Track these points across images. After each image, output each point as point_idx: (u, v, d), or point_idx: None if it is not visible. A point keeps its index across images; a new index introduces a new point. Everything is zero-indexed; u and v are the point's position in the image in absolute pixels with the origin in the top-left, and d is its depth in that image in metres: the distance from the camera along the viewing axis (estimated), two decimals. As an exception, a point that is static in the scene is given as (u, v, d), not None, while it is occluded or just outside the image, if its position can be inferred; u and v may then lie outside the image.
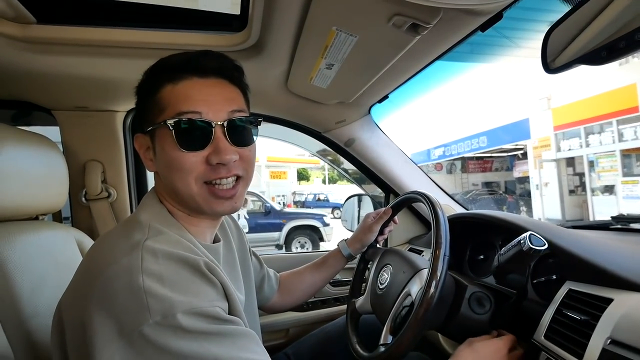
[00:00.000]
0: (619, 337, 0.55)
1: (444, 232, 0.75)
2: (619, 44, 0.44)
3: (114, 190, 1.19)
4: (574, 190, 9.38)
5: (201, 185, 0.56)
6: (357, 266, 1.09)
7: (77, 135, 1.15)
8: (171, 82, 0.56)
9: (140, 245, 0.49)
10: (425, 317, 0.69)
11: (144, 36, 0.84)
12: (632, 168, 7.82)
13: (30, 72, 0.92)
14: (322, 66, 0.87)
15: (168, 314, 0.44)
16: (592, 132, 8.37)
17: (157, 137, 0.57)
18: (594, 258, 0.71)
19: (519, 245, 0.70)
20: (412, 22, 0.63)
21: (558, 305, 0.70)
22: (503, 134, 11.10)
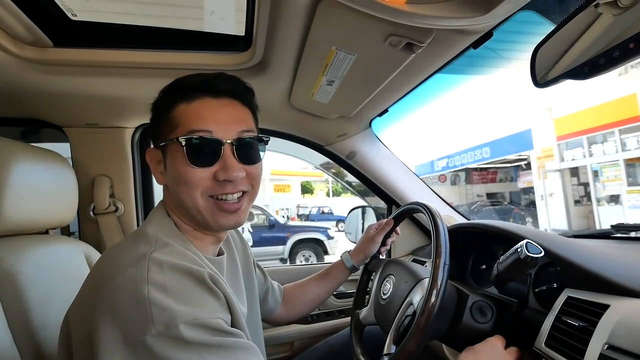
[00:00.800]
0: (615, 343, 0.56)
1: (444, 242, 0.76)
2: (600, 60, 0.47)
3: (122, 205, 1.22)
4: (579, 200, 9.30)
5: (207, 199, 0.59)
6: (360, 278, 1.10)
7: (87, 151, 1.19)
8: (185, 101, 0.59)
9: (146, 256, 0.50)
10: (427, 326, 0.70)
11: (154, 57, 0.88)
12: (637, 177, 7.76)
13: (45, 92, 0.97)
14: (323, 83, 0.91)
15: (170, 324, 0.44)
16: (594, 141, 8.35)
17: (169, 152, 0.60)
18: (591, 266, 0.72)
19: (516, 254, 0.72)
20: (407, 41, 0.67)
21: (557, 313, 0.70)
22: (506, 144, 11.11)
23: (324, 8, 0.63)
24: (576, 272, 0.73)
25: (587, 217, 9.02)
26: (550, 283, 0.85)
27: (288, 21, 0.70)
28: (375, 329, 1.03)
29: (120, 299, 0.47)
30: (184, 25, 0.98)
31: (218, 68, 0.89)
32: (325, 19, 0.66)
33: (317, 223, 9.54)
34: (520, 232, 0.90)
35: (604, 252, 0.81)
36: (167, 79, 0.91)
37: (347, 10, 0.61)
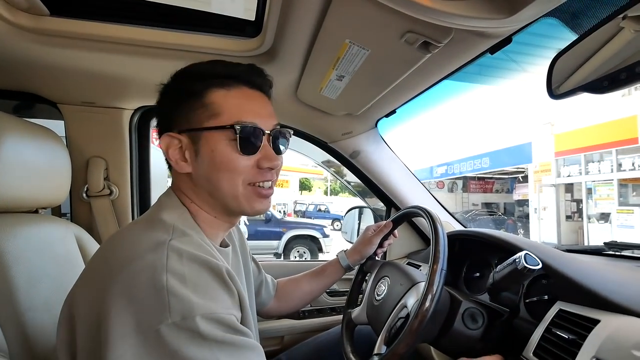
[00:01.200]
0: (602, 357, 0.57)
1: (443, 247, 0.77)
2: (621, 75, 0.47)
3: (116, 188, 1.19)
4: (570, 216, 9.42)
5: (245, 187, 0.61)
6: (355, 277, 1.10)
7: (82, 130, 1.15)
8: (223, 88, 0.60)
9: (165, 243, 0.50)
10: (419, 329, 0.70)
11: (157, 35, 0.84)
12: (627, 197, 7.89)
13: (39, 64, 0.92)
14: (332, 77, 0.89)
15: (188, 315, 0.44)
16: (591, 160, 8.44)
17: (206, 139, 0.58)
18: (585, 281, 0.72)
19: (514, 264, 0.72)
20: (424, 40, 0.65)
21: (548, 324, 0.71)
22: (505, 156, 11.17)
23: None
24: (569, 286, 0.74)
25: (577, 232, 9.14)
26: (541, 295, 0.85)
27: (302, 9, 0.68)
28: (366, 328, 1.04)
29: (137, 284, 0.46)
30: (191, 4, 0.94)
31: (225, 53, 0.87)
32: (341, 10, 0.65)
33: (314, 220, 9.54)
34: (518, 243, 0.90)
35: (596, 268, 0.81)
36: (170, 60, 0.88)
37: (366, 2, 0.59)
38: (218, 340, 0.45)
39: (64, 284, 0.79)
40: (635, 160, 7.43)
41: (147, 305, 0.44)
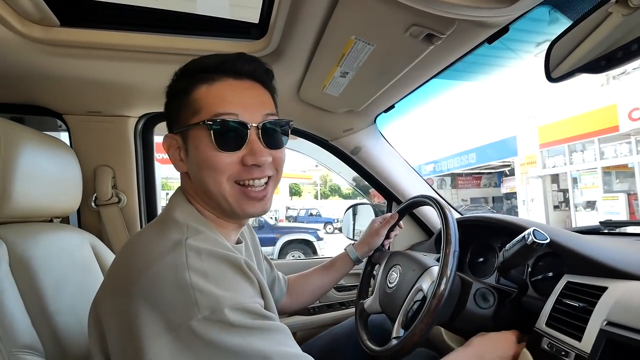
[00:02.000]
0: (614, 319, 0.61)
1: (453, 231, 0.80)
2: (617, 54, 0.51)
3: (124, 196, 1.20)
4: (558, 205, 9.64)
5: (232, 185, 0.58)
6: (364, 269, 1.12)
7: (87, 140, 1.16)
8: (206, 83, 0.57)
9: (182, 243, 0.50)
10: (437, 308, 0.73)
11: (163, 41, 0.85)
12: (612, 185, 8.12)
13: (47, 75, 0.93)
14: (336, 74, 0.92)
15: (216, 308, 0.45)
16: (575, 150, 8.67)
17: (191, 137, 0.58)
18: (590, 253, 0.77)
19: (524, 240, 0.75)
20: (428, 32, 0.69)
21: (558, 296, 0.75)
22: (491, 150, 11.38)
23: None
24: (576, 259, 0.78)
25: (565, 222, 9.35)
26: (545, 272, 0.90)
27: (309, 9, 0.70)
28: (377, 318, 1.06)
29: (160, 285, 0.47)
30: (195, 9, 0.96)
31: None
32: (348, 7, 0.68)
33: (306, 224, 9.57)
34: (522, 224, 0.95)
35: (598, 242, 0.86)
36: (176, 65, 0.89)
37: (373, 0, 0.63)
38: (248, 327, 0.47)
39: (86, 290, 0.82)
40: (617, 147, 7.68)
41: (174, 304, 0.45)
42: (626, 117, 7.07)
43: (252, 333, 0.47)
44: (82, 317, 0.76)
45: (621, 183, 8.02)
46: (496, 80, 5.70)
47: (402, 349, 0.77)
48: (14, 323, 0.58)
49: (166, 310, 0.45)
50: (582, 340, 0.63)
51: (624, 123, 7.13)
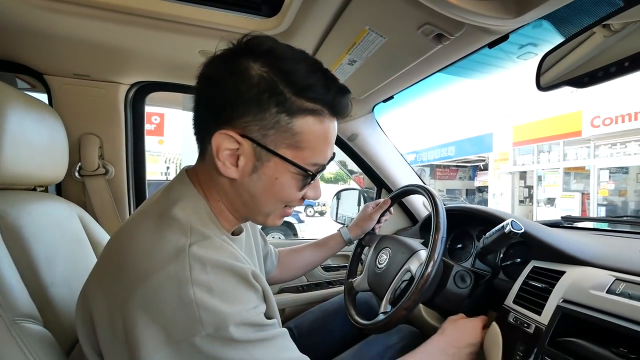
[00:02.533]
0: (568, 297, 0.72)
1: (443, 219, 0.88)
2: (598, 73, 0.59)
3: (112, 167, 1.15)
4: (523, 200, 10.18)
5: (282, 209, 0.60)
6: (354, 250, 1.20)
7: (72, 105, 1.08)
8: (316, 118, 0.52)
9: (185, 251, 0.47)
10: (424, 288, 0.81)
11: (166, 7, 0.79)
12: (570, 184, 8.70)
13: (33, 30, 0.84)
14: (344, 61, 0.95)
15: (221, 326, 0.45)
16: (543, 150, 9.16)
17: (275, 164, 0.53)
18: (554, 242, 0.88)
19: (502, 229, 0.85)
20: (438, 32, 0.74)
21: (524, 279, 0.86)
22: (469, 145, 11.71)
23: None
24: (542, 247, 0.89)
25: (528, 215, 9.93)
26: (514, 259, 1.01)
27: None
28: (363, 297, 1.15)
29: (162, 298, 0.45)
30: None
31: (238, 30, 0.85)
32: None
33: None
34: (501, 215, 1.05)
35: (560, 234, 0.98)
36: (178, 34, 0.85)
37: None
38: (251, 341, 0.47)
39: (78, 263, 0.80)
40: (578, 151, 8.19)
41: (176, 320, 0.44)
42: (589, 124, 7.53)
43: (256, 345, 0.48)
44: (75, 289, 0.72)
45: (578, 183, 8.60)
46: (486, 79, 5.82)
47: (389, 322, 0.85)
48: (13, 292, 0.56)
49: (167, 324, 0.44)
50: (541, 314, 0.74)
51: (587, 129, 7.60)
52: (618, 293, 0.66)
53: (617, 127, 7.05)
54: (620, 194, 7.69)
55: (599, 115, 7.36)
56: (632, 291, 0.65)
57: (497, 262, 1.04)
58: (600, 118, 7.34)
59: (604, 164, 7.66)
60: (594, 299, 0.68)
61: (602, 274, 0.73)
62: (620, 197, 7.68)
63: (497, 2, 0.64)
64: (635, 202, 7.40)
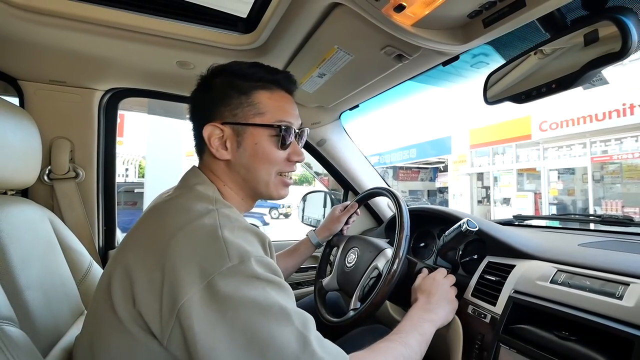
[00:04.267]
0: (519, 288, 0.81)
1: (406, 219, 0.95)
2: (532, 92, 0.68)
3: (82, 171, 1.15)
4: (481, 200, 10.78)
5: (276, 176, 0.71)
6: (323, 251, 1.24)
7: (45, 109, 1.09)
8: (267, 91, 0.68)
9: (215, 210, 0.57)
10: (391, 284, 0.87)
11: (144, 22, 0.84)
12: (523, 185, 9.36)
13: (11, 39, 0.87)
14: (314, 74, 1.01)
15: (244, 258, 0.51)
16: (497, 152, 9.80)
17: (251, 132, 0.67)
18: (505, 239, 0.98)
19: (459, 227, 0.94)
20: (399, 52, 0.81)
21: (480, 273, 0.95)
22: (430, 147, 12.22)
23: (338, 13, 0.74)
24: (495, 244, 0.99)
25: (485, 215, 10.54)
26: (472, 255, 1.11)
27: (301, 17, 0.77)
28: (331, 297, 1.20)
29: (197, 238, 0.52)
30: None
31: (214, 44, 0.91)
32: (335, 22, 0.77)
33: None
34: (457, 214, 1.15)
35: (511, 231, 1.08)
36: (154, 46, 0.89)
37: (359, 20, 0.73)
38: (269, 280, 0.53)
39: (50, 265, 0.80)
40: (529, 153, 8.86)
41: (208, 254, 0.51)
42: (537, 128, 8.19)
43: (272, 286, 0.52)
44: (49, 292, 0.75)
45: (530, 184, 9.26)
46: (445, 86, 6.14)
47: (359, 318, 0.90)
48: None
49: (201, 259, 0.50)
50: (496, 305, 0.83)
51: (535, 132, 8.25)
52: (560, 283, 0.76)
53: (563, 131, 7.70)
54: (569, 193, 8.36)
55: (546, 120, 8.00)
56: (571, 281, 0.75)
57: (456, 259, 1.13)
58: (547, 122, 7.99)
59: (552, 165, 8.32)
60: (540, 288, 0.77)
61: (546, 266, 0.82)
62: (569, 196, 8.34)
63: (447, 31, 0.73)
64: (582, 201, 8.03)
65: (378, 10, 0.66)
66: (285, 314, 0.51)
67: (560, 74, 0.62)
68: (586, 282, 0.72)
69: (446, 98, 11.11)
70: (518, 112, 8.55)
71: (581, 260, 0.79)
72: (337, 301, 1.25)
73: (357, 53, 0.87)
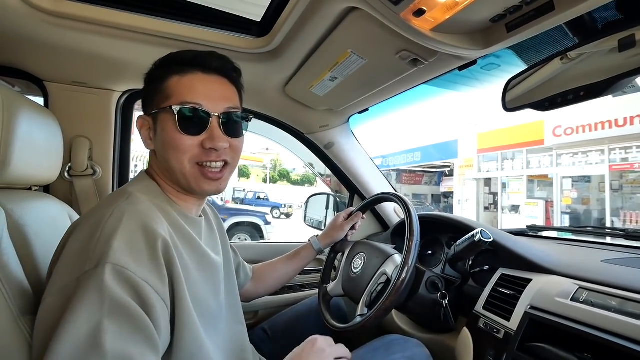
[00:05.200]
0: (535, 304, 0.78)
1: (416, 226, 0.92)
2: (557, 99, 0.65)
3: (100, 168, 1.19)
4: (488, 207, 10.64)
5: (193, 166, 0.64)
6: (328, 256, 1.22)
7: (67, 109, 1.13)
8: (178, 74, 0.64)
9: (116, 205, 0.56)
10: (399, 291, 0.84)
11: (163, 26, 0.88)
12: (534, 192, 9.20)
13: (39, 42, 0.91)
14: (326, 78, 0.99)
15: (100, 262, 0.47)
16: (507, 157, 9.65)
17: (160, 119, 0.64)
18: (521, 251, 0.94)
19: (472, 238, 0.91)
20: (414, 57, 0.79)
21: (493, 285, 0.92)
22: (435, 151, 12.12)
23: (354, 17, 0.72)
24: (509, 256, 0.95)
25: (492, 222, 10.41)
26: (482, 266, 1.07)
27: (316, 21, 0.76)
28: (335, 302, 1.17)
29: (81, 234, 0.53)
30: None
31: (228, 48, 0.92)
32: (350, 26, 0.75)
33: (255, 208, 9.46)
34: (471, 224, 1.11)
35: (526, 243, 1.05)
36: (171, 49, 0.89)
37: (375, 24, 0.71)
38: (113, 301, 0.45)
39: None
40: (541, 159, 8.67)
41: (80, 252, 0.50)
42: (551, 133, 8.00)
43: (111, 315, 0.45)
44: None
45: (541, 191, 9.08)
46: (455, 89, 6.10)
47: (365, 325, 0.87)
48: (21, 288, 0.59)
49: (73, 257, 0.50)
50: (510, 320, 0.80)
51: (549, 138, 8.07)
52: (582, 301, 0.72)
53: (578, 136, 7.49)
54: (583, 202, 8.10)
55: (560, 125, 7.81)
56: (594, 299, 0.71)
57: (466, 269, 1.10)
58: (561, 128, 7.79)
59: (566, 173, 8.09)
60: (560, 306, 0.73)
61: (566, 283, 0.79)
62: (584, 205, 8.09)
63: (467, 35, 0.70)
64: (598, 211, 7.78)
65: (396, 14, 0.63)
66: (100, 353, 0.43)
67: (589, 80, 0.59)
68: (611, 302, 0.68)
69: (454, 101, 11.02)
70: (530, 116, 8.39)
71: (605, 278, 0.75)
72: (341, 306, 1.22)
73: (371, 57, 0.85)
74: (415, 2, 0.60)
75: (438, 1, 0.61)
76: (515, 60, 0.86)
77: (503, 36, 0.65)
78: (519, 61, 0.85)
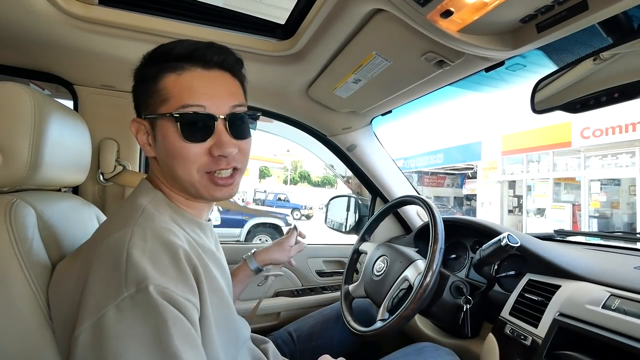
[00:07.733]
0: (564, 311, 0.76)
1: (440, 230, 0.91)
2: (590, 101, 0.63)
3: (128, 164, 1.22)
4: (512, 210, 10.30)
5: (202, 175, 0.59)
6: (350, 257, 1.22)
7: (96, 112, 1.17)
8: (174, 73, 0.57)
9: (132, 224, 0.51)
10: (422, 297, 0.84)
11: (191, 30, 0.89)
12: (560, 195, 8.85)
13: (71, 47, 0.93)
14: (349, 80, 1.00)
15: (141, 285, 0.45)
16: (532, 160, 9.33)
17: (159, 126, 0.58)
18: (549, 256, 0.92)
19: (498, 242, 0.89)
20: (440, 59, 0.79)
21: (520, 291, 0.90)
22: (458, 153, 11.86)
23: (379, 19, 0.72)
24: (537, 261, 0.93)
25: (517, 225, 10.08)
26: (509, 271, 1.05)
27: (341, 23, 0.77)
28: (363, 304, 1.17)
29: (103, 260, 0.48)
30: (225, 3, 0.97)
31: (252, 50, 0.93)
32: (375, 28, 0.75)
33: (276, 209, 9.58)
34: (496, 228, 1.09)
35: (554, 248, 1.02)
36: None
37: (401, 26, 0.71)
38: (174, 315, 0.45)
39: None
40: (568, 161, 8.35)
41: (107, 280, 0.46)
42: (579, 135, 7.70)
43: (170, 323, 0.45)
44: None
45: (568, 194, 8.74)
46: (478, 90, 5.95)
47: (386, 330, 0.87)
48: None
49: (100, 286, 0.46)
50: (538, 327, 0.78)
51: (576, 140, 7.76)
52: (614, 309, 0.69)
53: (608, 138, 7.20)
54: (612, 206, 7.78)
55: (588, 126, 7.52)
56: (627, 307, 0.68)
57: (492, 274, 1.08)
58: (590, 129, 7.50)
59: (595, 175, 7.77)
60: (590, 313, 0.71)
61: (597, 289, 0.76)
62: (613, 209, 7.77)
63: (496, 36, 0.69)
64: (628, 215, 7.48)
65: (423, 16, 0.63)
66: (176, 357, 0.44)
67: (623, 81, 0.57)
68: (646, 311, 0.65)
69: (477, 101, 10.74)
70: (557, 118, 8.10)
71: (639, 285, 0.72)
72: (369, 308, 1.21)
73: (395, 59, 0.85)
74: (442, 3, 0.59)
75: (466, 2, 0.60)
76: (543, 60, 0.84)
77: (533, 37, 0.64)
78: (547, 61, 0.82)
